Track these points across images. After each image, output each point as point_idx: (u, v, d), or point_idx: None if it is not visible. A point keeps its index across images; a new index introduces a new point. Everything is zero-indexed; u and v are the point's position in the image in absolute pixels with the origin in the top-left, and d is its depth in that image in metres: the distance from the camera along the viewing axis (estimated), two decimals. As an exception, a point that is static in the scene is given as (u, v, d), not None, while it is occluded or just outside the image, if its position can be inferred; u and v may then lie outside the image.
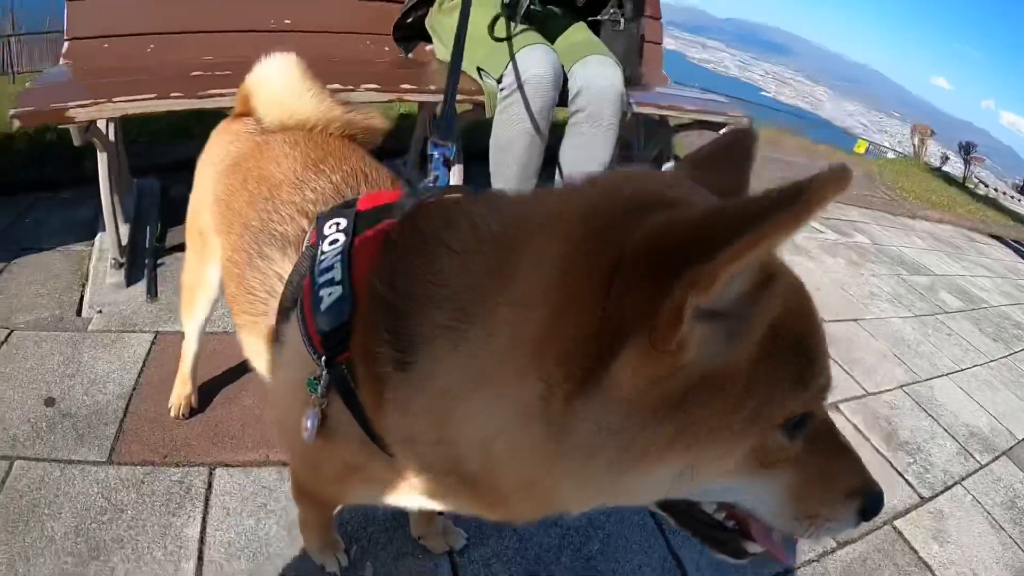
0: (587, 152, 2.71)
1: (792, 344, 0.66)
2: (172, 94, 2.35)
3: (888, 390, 2.62)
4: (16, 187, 3.34)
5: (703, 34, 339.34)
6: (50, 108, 2.22)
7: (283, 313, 1.05)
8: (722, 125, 3.52)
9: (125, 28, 2.79)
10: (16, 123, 2.17)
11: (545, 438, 0.66)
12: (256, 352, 1.25)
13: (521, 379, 0.65)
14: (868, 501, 0.78)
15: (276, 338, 1.07)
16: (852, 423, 2.43)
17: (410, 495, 0.95)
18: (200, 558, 1.74)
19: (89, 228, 3.00)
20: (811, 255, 3.79)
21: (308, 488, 1.25)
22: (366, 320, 0.81)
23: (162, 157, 3.63)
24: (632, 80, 3.02)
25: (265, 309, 1.13)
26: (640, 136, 4.06)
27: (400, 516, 1.85)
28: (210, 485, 1.92)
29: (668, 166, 3.81)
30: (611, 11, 2.94)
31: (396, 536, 1.84)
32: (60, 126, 2.34)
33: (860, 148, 13.68)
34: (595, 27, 2.95)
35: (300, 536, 1.74)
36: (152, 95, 2.33)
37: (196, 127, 1.77)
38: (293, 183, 1.24)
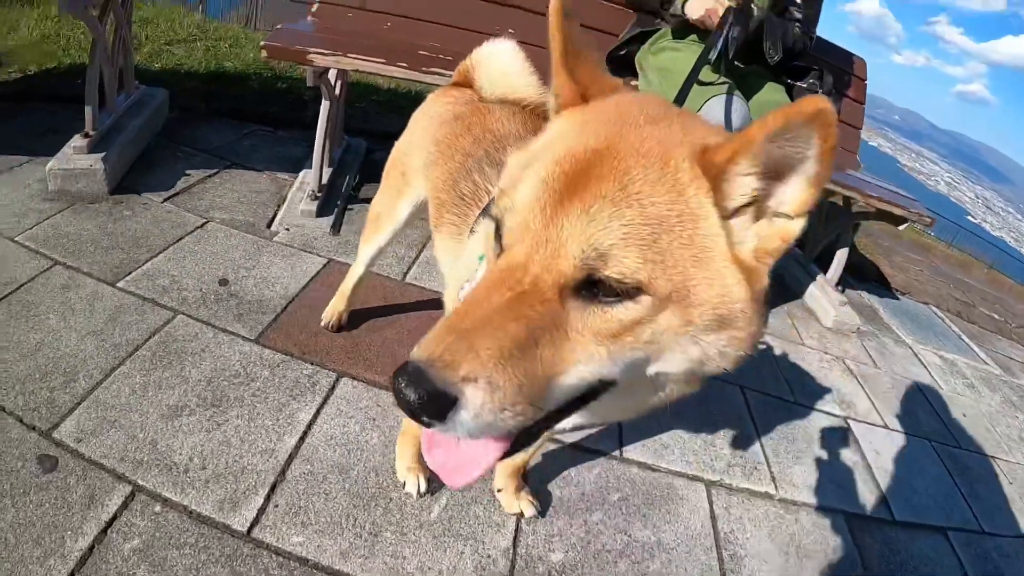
0: None
1: None
2: (398, 63, 2.60)
3: (1005, 536, 2.35)
4: (243, 115, 3.82)
5: (919, 141, 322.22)
6: (295, 48, 2.53)
7: (483, 213, 1.25)
8: (903, 220, 3.41)
9: (369, 4, 3.14)
10: (264, 53, 2.49)
11: None
12: (445, 246, 1.49)
13: None
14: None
15: (471, 230, 1.28)
16: (958, 555, 2.20)
17: None
18: (303, 437, 1.80)
19: (295, 164, 3.34)
20: (970, 383, 3.51)
21: None
22: None
23: (375, 125, 4.05)
24: None
25: (467, 212, 1.35)
26: (821, 216, 4.01)
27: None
28: (333, 387, 2.00)
29: (842, 251, 3.74)
30: (811, 80, 3.00)
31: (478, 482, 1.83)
32: (291, 75, 2.59)
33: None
34: (791, 91, 2.99)
35: (395, 452, 1.78)
36: (381, 59, 2.59)
37: (408, 107, 1.97)
38: (516, 136, 1.51)
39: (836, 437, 2.60)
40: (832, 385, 2.97)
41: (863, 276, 4.73)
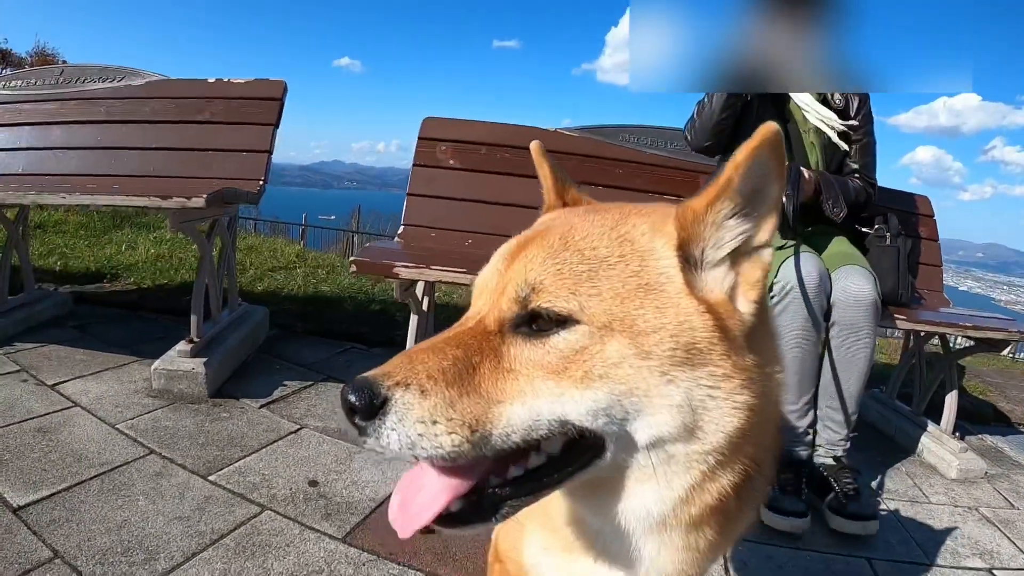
0: (844, 361, 2.64)
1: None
2: (477, 272, 2.68)
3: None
4: (337, 334, 3.99)
5: (1008, 272, 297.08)
6: (382, 263, 2.70)
7: None
8: (1005, 344, 3.24)
9: (450, 224, 3.43)
10: (353, 268, 2.64)
11: None
12: None
13: None
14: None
15: None
16: None
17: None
18: (390, 643, 1.63)
19: (392, 379, 3.34)
20: None
21: (503, 548, 1.23)
22: None
23: None
24: (902, 295, 3.04)
25: None
26: (921, 366, 3.80)
27: None
28: (422, 588, 1.85)
29: (951, 395, 3.49)
30: (877, 227, 3.02)
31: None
32: (384, 298, 2.72)
33: None
34: (862, 243, 3.01)
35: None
36: (463, 270, 2.69)
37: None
38: None
39: None
40: (969, 537, 2.68)
41: (980, 419, 4.40)
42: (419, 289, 3.01)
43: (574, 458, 0.81)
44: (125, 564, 1.69)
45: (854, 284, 2.62)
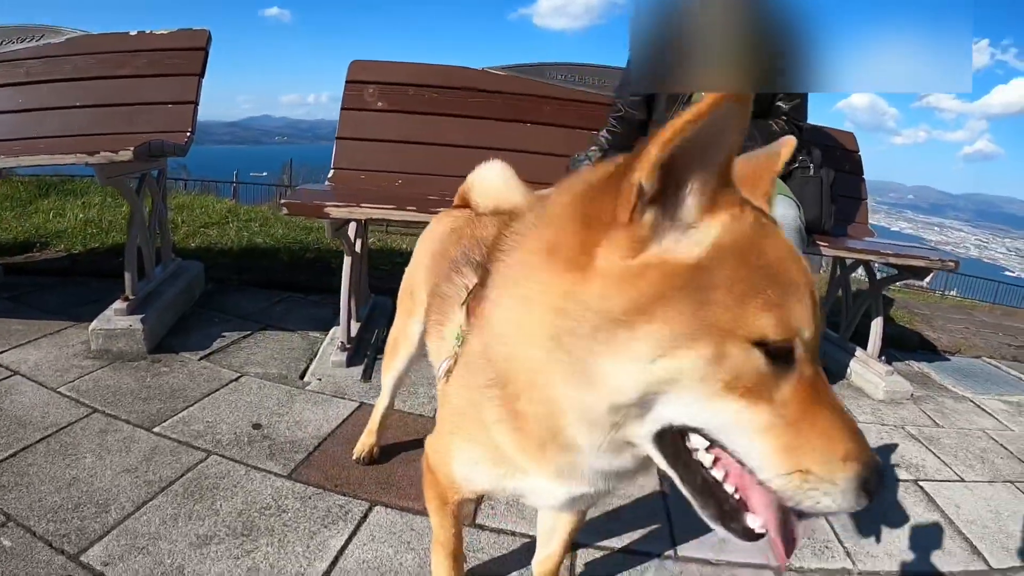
0: None
1: (761, 273, 0.75)
2: (407, 207, 2.79)
3: None
4: (274, 285, 4.07)
5: (940, 214, 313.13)
6: (312, 204, 2.77)
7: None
8: (926, 271, 3.47)
9: (380, 166, 3.55)
10: (284, 210, 2.74)
11: (541, 322, 0.81)
12: (433, 347, 1.48)
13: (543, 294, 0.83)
14: (869, 471, 0.74)
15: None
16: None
17: (507, 464, 1.07)
18: (334, 562, 1.76)
19: (326, 323, 3.48)
20: None
21: (433, 461, 1.34)
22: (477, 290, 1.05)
23: (399, 284, 4.19)
24: (826, 223, 3.21)
25: (448, 310, 1.36)
26: (847, 294, 4.07)
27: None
28: (366, 515, 1.98)
29: (876, 322, 3.73)
30: (800, 159, 3.18)
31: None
32: (319, 246, 2.78)
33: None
34: (787, 177, 3.17)
35: (431, 571, 1.73)
36: (392, 206, 2.79)
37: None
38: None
39: (910, 501, 2.49)
40: (896, 453, 2.90)
41: (907, 346, 4.69)
42: (351, 231, 3.08)
43: None
44: (77, 519, 1.77)
45: (778, 211, 2.71)
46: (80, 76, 3.52)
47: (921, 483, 2.65)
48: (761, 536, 0.81)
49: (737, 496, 0.81)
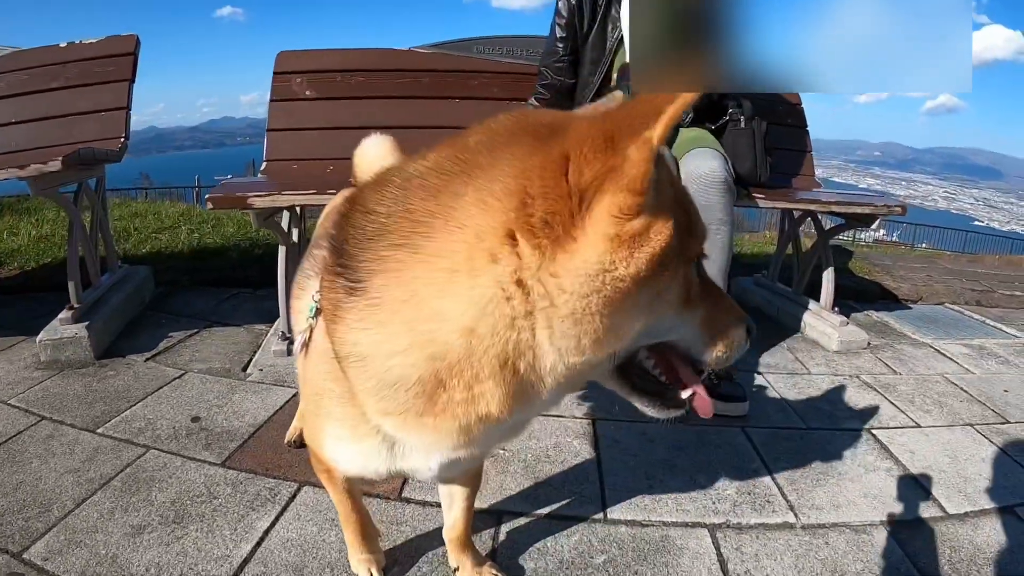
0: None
1: (682, 203, 0.90)
2: (328, 191, 2.84)
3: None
4: (224, 283, 4.24)
5: (907, 169, 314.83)
6: (236, 195, 2.88)
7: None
8: (873, 217, 3.49)
9: (312, 154, 3.65)
10: (209, 204, 2.82)
11: (525, 302, 0.80)
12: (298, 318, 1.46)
13: (493, 263, 0.79)
14: (748, 320, 1.04)
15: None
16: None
17: (371, 437, 1.11)
18: (259, 543, 1.92)
19: (272, 316, 3.62)
20: (1004, 360, 3.42)
21: (309, 437, 1.40)
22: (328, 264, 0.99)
23: None
24: (761, 175, 3.22)
25: (307, 284, 1.37)
26: (798, 247, 4.15)
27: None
28: (294, 496, 2.14)
29: (828, 272, 3.79)
30: (731, 111, 3.17)
31: (440, 572, 1.90)
32: (268, 241, 2.85)
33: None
34: (722, 131, 3.18)
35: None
36: (313, 191, 2.89)
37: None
38: None
39: (861, 450, 2.52)
40: (848, 402, 2.93)
41: (866, 297, 4.75)
42: (285, 221, 3.20)
43: None
44: (22, 520, 1.93)
45: (701, 164, 2.70)
46: (13, 93, 3.62)
47: (875, 431, 2.69)
48: (691, 400, 1.05)
49: (666, 381, 1.04)
